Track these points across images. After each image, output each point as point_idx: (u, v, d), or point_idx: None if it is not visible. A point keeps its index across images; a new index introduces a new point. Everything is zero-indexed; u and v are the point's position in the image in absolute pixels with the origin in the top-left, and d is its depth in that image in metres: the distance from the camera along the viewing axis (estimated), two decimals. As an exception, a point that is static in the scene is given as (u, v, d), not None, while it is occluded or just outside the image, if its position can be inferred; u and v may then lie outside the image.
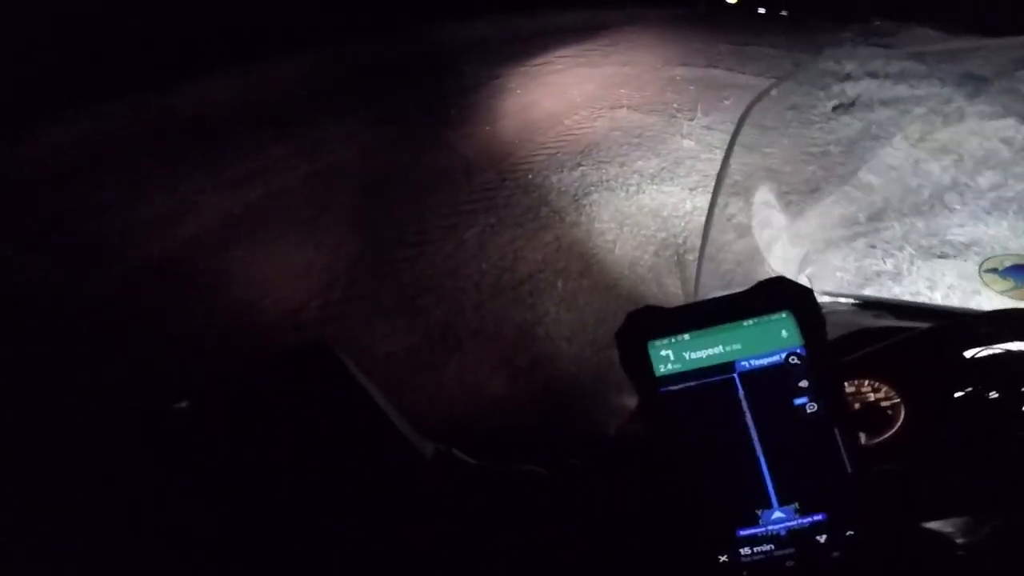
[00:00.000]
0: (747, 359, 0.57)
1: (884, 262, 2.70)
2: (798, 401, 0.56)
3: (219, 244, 3.05)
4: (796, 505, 0.56)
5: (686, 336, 0.58)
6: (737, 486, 0.56)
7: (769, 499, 0.56)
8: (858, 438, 0.76)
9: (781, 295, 0.59)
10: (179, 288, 2.74)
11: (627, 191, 3.45)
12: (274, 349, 0.65)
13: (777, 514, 0.56)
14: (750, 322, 0.58)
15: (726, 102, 4.39)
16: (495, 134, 4.05)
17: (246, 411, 0.61)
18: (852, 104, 4.27)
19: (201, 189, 3.44)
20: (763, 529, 0.56)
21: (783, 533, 0.55)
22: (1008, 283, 1.41)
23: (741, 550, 0.56)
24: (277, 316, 2.59)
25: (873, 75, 4.61)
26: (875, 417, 0.80)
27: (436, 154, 3.78)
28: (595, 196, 3.41)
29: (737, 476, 0.56)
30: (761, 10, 6.88)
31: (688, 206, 3.32)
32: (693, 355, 0.58)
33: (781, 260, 2.69)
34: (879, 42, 5.51)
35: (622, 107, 4.40)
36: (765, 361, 0.57)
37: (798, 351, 0.57)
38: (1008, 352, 0.82)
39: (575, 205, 3.33)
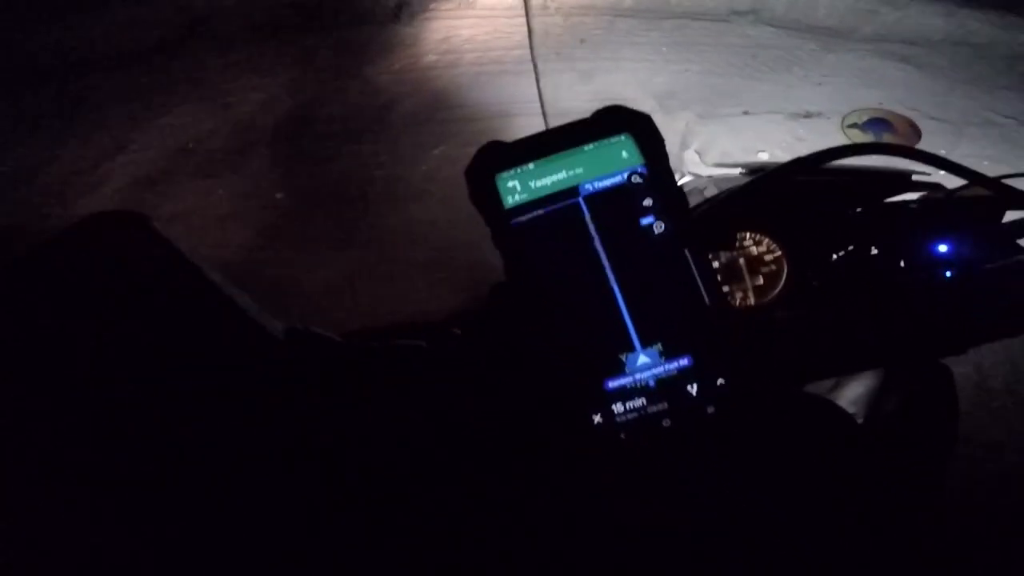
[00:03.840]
0: (590, 181, 0.56)
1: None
2: (644, 220, 0.56)
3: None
4: (660, 347, 0.54)
5: (531, 165, 0.57)
6: (597, 325, 0.55)
7: (631, 340, 0.54)
8: (712, 266, 0.75)
9: (619, 119, 0.58)
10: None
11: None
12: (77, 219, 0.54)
13: (642, 358, 0.54)
14: (591, 146, 0.57)
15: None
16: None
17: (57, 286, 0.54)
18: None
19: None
20: (631, 379, 0.54)
21: (652, 383, 0.54)
22: (869, 136, 1.49)
23: (614, 407, 0.54)
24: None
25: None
26: (760, 270, 0.80)
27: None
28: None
29: (596, 313, 0.55)
30: None
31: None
32: (539, 183, 0.56)
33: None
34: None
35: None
36: (608, 182, 0.56)
37: (639, 170, 0.56)
38: (887, 205, 0.83)
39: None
